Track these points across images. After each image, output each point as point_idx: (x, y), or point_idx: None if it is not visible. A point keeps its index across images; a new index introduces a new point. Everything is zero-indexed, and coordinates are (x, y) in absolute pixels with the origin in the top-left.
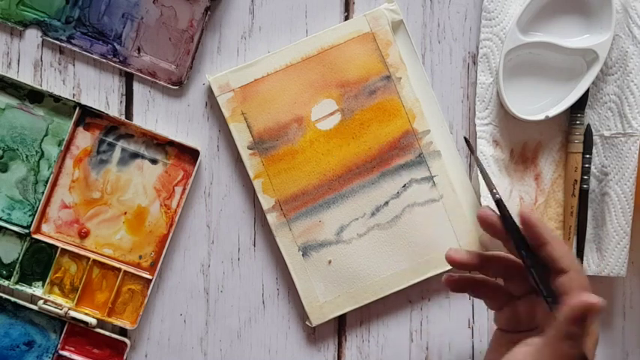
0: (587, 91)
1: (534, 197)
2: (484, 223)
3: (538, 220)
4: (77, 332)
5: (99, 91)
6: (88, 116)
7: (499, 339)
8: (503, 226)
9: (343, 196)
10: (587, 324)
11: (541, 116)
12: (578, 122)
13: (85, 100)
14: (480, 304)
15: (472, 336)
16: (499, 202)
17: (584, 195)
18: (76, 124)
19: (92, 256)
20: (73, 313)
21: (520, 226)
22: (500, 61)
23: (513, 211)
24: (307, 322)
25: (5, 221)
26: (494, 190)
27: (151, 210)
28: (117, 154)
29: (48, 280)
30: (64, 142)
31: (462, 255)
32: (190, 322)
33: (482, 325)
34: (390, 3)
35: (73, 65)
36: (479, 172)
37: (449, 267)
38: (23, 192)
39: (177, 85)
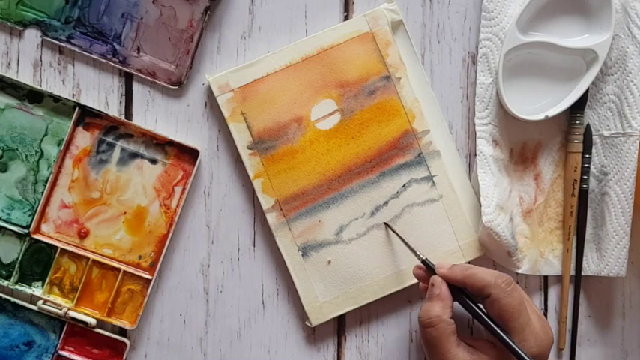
0: (587, 91)
1: (534, 197)
2: (420, 279)
3: (448, 271)
4: (77, 332)
5: (98, 91)
6: (87, 116)
7: None
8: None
9: (343, 196)
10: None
11: (541, 116)
12: (577, 122)
13: (84, 100)
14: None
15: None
16: (425, 263)
17: (583, 195)
18: (76, 124)
19: (92, 256)
20: (72, 313)
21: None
22: (499, 61)
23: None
24: (307, 322)
25: (5, 221)
26: (418, 252)
27: (151, 210)
28: (116, 154)
29: (47, 280)
30: (64, 142)
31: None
32: (190, 322)
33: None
34: (390, 3)
35: (73, 65)
36: (400, 238)
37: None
38: (23, 192)
39: (176, 85)
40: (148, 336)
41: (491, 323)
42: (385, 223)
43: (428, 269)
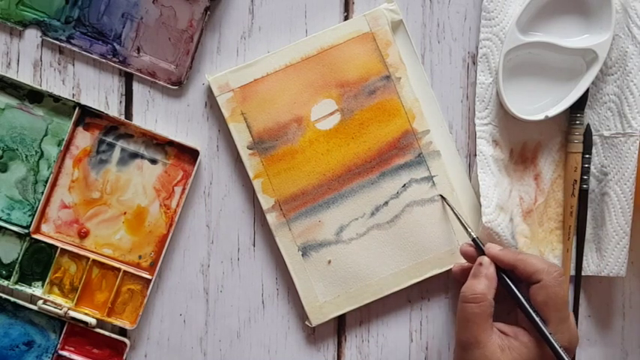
0: (587, 91)
1: (534, 197)
2: (466, 257)
3: (500, 252)
4: (77, 332)
5: (98, 91)
6: (87, 116)
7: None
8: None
9: (343, 196)
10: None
11: (541, 116)
12: (577, 122)
13: (84, 100)
14: None
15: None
16: (475, 242)
17: (583, 195)
18: (76, 124)
19: (92, 256)
20: (72, 313)
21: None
22: (499, 61)
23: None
24: (307, 322)
25: (5, 221)
26: (470, 230)
27: (151, 210)
28: (116, 154)
29: (47, 280)
30: (64, 142)
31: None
32: (190, 322)
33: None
34: (390, 3)
35: (73, 65)
36: (454, 214)
37: (449, 267)
38: (23, 192)
39: (176, 85)
40: (148, 336)
41: (530, 310)
42: (441, 196)
43: (477, 249)
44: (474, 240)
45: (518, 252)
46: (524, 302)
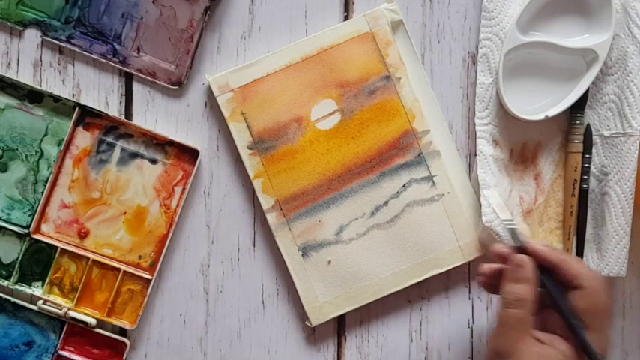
0: (587, 91)
1: (534, 197)
2: (500, 258)
3: (547, 249)
4: (77, 332)
5: (98, 91)
6: (87, 116)
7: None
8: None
9: (343, 196)
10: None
11: (541, 116)
12: (577, 122)
13: (84, 100)
14: (479, 304)
15: (472, 336)
16: (513, 232)
17: (583, 195)
18: (76, 124)
19: (92, 256)
20: (72, 313)
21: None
22: (499, 61)
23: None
24: (307, 322)
25: (5, 221)
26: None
27: (151, 210)
28: (116, 154)
29: (47, 280)
30: (64, 142)
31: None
32: (190, 322)
33: (482, 325)
34: (390, 3)
35: (73, 65)
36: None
37: (449, 267)
38: (23, 192)
39: (176, 85)
40: (148, 336)
41: (567, 315)
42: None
43: (516, 245)
44: (512, 231)
45: (561, 251)
46: (565, 306)
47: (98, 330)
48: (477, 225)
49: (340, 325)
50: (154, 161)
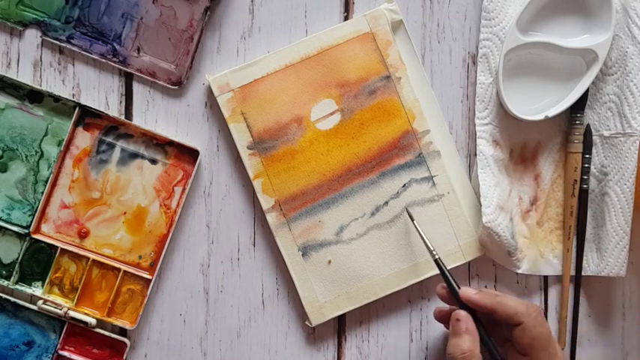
0: (587, 91)
1: (534, 197)
2: (444, 300)
3: (477, 296)
4: (77, 332)
5: (98, 91)
6: (87, 116)
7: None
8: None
9: (343, 196)
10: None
11: (541, 116)
12: (577, 122)
13: (84, 100)
14: None
15: None
16: (449, 284)
17: (583, 195)
18: (76, 124)
19: (92, 256)
20: (72, 313)
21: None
22: (499, 61)
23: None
24: (307, 322)
25: (5, 221)
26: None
27: (151, 210)
28: (116, 154)
29: (47, 280)
30: (64, 142)
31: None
32: (190, 322)
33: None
34: (390, 3)
35: (73, 65)
36: (419, 234)
37: (449, 267)
38: (23, 192)
39: (176, 85)
40: (148, 336)
41: (495, 351)
42: (407, 211)
43: (451, 291)
44: (448, 283)
45: (495, 294)
46: (496, 353)
47: (98, 330)
48: (476, 225)
49: (340, 325)
50: (154, 161)
